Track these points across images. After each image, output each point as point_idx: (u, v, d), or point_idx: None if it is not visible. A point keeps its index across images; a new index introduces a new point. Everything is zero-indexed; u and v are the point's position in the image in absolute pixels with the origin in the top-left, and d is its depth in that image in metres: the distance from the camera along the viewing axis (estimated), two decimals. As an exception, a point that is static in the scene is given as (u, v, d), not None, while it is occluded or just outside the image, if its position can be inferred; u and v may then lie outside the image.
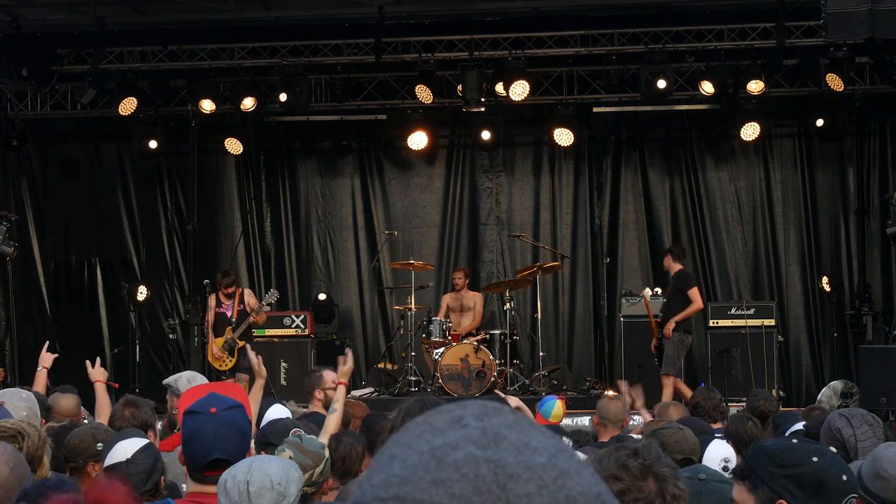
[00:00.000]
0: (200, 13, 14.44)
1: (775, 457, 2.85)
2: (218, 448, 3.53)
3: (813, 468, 2.78)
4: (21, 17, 14.36)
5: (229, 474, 3.39)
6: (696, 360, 14.96)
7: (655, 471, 2.31)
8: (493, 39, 14.62)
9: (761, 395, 8.06)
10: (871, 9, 9.46)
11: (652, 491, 2.29)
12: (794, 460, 2.81)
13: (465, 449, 1.06)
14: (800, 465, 2.79)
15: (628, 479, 2.30)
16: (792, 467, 2.80)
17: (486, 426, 1.08)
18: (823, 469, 2.77)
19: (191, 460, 3.58)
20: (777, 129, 15.75)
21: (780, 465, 2.81)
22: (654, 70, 14.13)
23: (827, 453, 2.85)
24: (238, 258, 16.30)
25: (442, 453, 1.06)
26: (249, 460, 3.51)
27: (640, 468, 2.31)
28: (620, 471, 2.31)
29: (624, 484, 2.29)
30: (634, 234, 15.94)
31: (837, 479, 2.78)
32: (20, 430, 3.88)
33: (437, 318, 13.79)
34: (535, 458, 1.06)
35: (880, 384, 10.30)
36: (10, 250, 13.71)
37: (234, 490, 3.34)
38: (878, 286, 15.19)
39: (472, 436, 1.07)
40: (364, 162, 16.37)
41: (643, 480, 2.30)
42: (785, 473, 2.79)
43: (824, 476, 2.77)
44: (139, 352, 15.17)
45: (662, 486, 2.30)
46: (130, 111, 14.88)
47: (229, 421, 3.57)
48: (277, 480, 3.38)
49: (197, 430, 3.56)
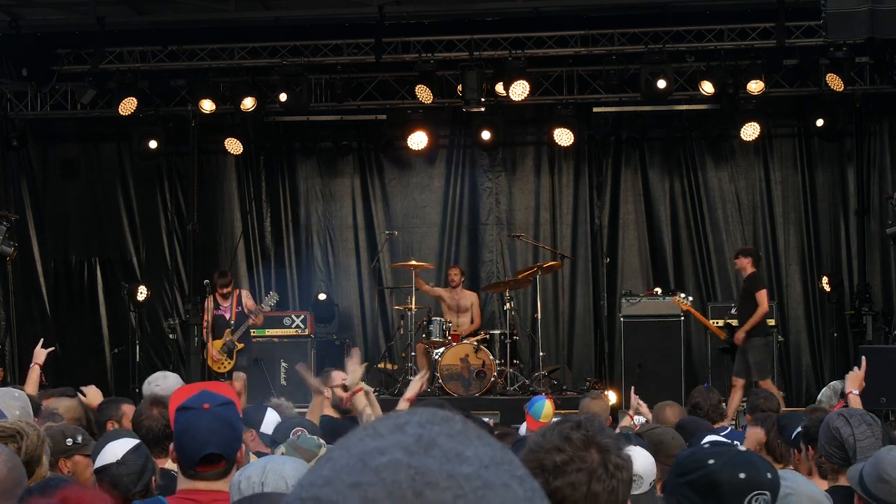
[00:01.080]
0: (200, 13, 14.44)
1: (678, 465, 2.82)
2: (211, 443, 3.51)
3: (705, 471, 2.71)
4: (21, 17, 14.36)
5: (243, 475, 3.38)
6: (696, 360, 14.96)
7: (598, 441, 2.34)
8: (493, 39, 14.61)
9: (761, 395, 8.05)
10: (871, 9, 9.46)
11: (595, 461, 2.31)
12: (691, 466, 2.75)
13: (392, 454, 1.04)
14: (695, 469, 2.73)
15: (571, 450, 2.32)
16: (688, 474, 2.75)
17: (422, 433, 1.07)
18: (716, 470, 2.70)
19: (183, 456, 3.57)
20: (777, 129, 15.75)
21: (680, 474, 2.78)
22: (654, 70, 14.13)
23: (727, 453, 2.75)
24: (238, 258, 16.29)
25: (369, 457, 1.05)
26: (263, 461, 3.50)
27: (583, 439, 2.33)
28: (563, 442, 2.33)
29: (567, 455, 2.31)
30: (634, 234, 15.94)
31: (733, 478, 2.69)
32: (19, 430, 3.87)
33: (437, 318, 13.80)
34: (461, 467, 1.04)
35: (880, 384, 10.29)
36: (10, 250, 13.71)
37: (248, 491, 3.34)
38: (878, 286, 15.19)
39: (403, 442, 1.06)
40: (364, 162, 16.37)
41: (586, 451, 2.32)
42: (682, 481, 2.75)
43: (716, 477, 2.69)
44: (139, 352, 15.16)
45: (605, 456, 2.33)
46: (130, 111, 14.88)
47: (222, 417, 3.56)
48: (292, 482, 3.37)
49: (190, 425, 3.55)
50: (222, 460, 3.54)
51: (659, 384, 13.44)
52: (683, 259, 15.81)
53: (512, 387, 13.45)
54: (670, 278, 15.60)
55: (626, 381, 14.02)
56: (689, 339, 14.73)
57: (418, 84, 14.74)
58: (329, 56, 14.99)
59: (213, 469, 3.53)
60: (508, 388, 13.44)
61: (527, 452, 2.35)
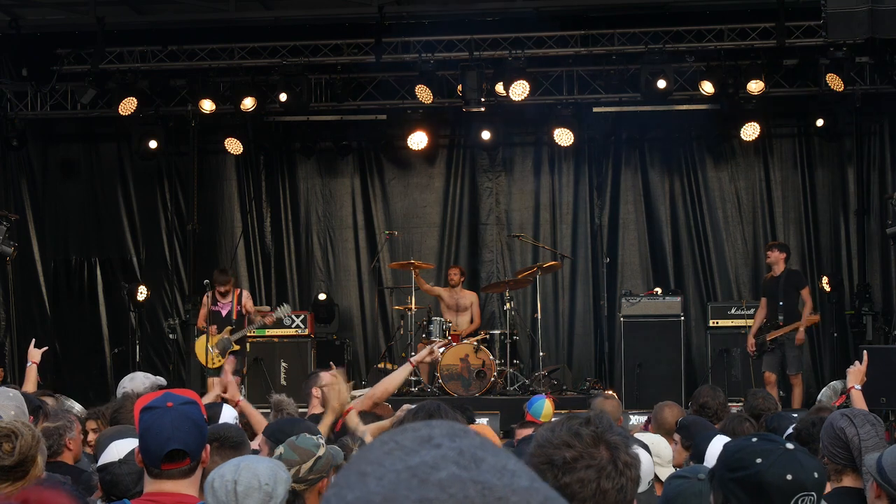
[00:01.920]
0: (200, 13, 14.45)
1: (726, 460, 2.84)
2: (175, 439, 3.50)
3: (753, 470, 2.73)
4: (21, 17, 14.36)
5: (217, 473, 3.37)
6: (696, 360, 14.97)
7: (607, 439, 2.34)
8: (493, 39, 14.61)
9: (759, 395, 8.04)
10: (871, 9, 9.46)
11: (604, 458, 2.32)
12: (740, 463, 2.77)
13: (448, 469, 1.05)
14: (744, 467, 2.76)
15: (581, 446, 2.32)
16: (737, 470, 2.77)
17: (461, 447, 1.08)
18: (763, 471, 2.72)
19: (147, 454, 3.56)
20: (777, 129, 15.76)
21: (729, 469, 2.79)
22: (654, 70, 14.13)
23: (775, 452, 2.77)
24: (238, 258, 16.29)
25: (423, 472, 1.05)
26: (237, 460, 3.49)
27: (593, 436, 2.33)
28: (573, 438, 2.33)
29: (576, 451, 2.31)
30: (634, 234, 15.94)
31: (780, 479, 2.71)
32: (14, 430, 3.87)
33: (437, 318, 13.80)
34: (518, 481, 1.06)
35: (880, 384, 10.30)
36: (10, 250, 13.71)
37: (221, 489, 3.33)
38: (878, 286, 15.19)
39: (450, 456, 1.06)
40: (364, 162, 16.37)
41: (595, 448, 2.33)
42: (732, 477, 2.77)
43: (764, 479, 2.72)
44: (139, 352, 15.16)
45: (614, 453, 2.33)
46: (130, 111, 14.88)
47: (186, 414, 3.56)
48: (265, 480, 3.37)
49: (153, 423, 3.55)
50: (186, 457, 3.52)
51: (659, 384, 13.47)
52: (683, 259, 15.81)
53: (512, 387, 13.45)
54: (670, 278, 15.60)
55: (626, 381, 14.04)
56: (689, 339, 14.73)
57: (418, 84, 14.74)
58: (329, 56, 14.99)
59: (177, 467, 3.52)
60: (508, 388, 13.45)
61: (535, 447, 2.35)
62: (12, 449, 3.72)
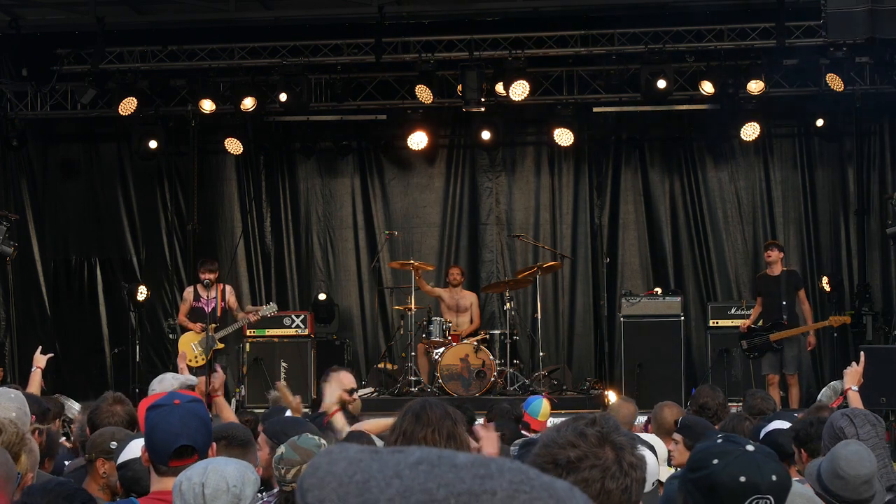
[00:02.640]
0: (200, 13, 14.45)
1: (690, 460, 2.83)
2: (184, 435, 3.53)
3: (707, 471, 2.70)
4: (21, 17, 14.36)
5: (184, 476, 3.37)
6: (696, 360, 14.96)
7: (612, 439, 2.34)
8: (493, 39, 14.61)
9: (758, 395, 8.04)
10: (871, 9, 9.46)
11: (609, 458, 2.32)
12: (699, 463, 2.75)
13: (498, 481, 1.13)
14: (701, 468, 2.73)
15: (585, 446, 2.32)
16: (696, 471, 2.75)
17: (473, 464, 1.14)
18: (717, 472, 2.69)
19: (155, 452, 3.57)
20: (777, 129, 15.75)
21: (690, 469, 2.78)
22: (654, 70, 14.13)
23: (733, 454, 2.73)
24: (238, 258, 16.29)
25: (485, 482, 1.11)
26: (205, 462, 3.49)
27: (598, 436, 2.33)
28: (578, 438, 2.33)
29: (581, 451, 2.31)
30: (634, 234, 15.94)
31: (733, 481, 2.67)
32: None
33: (437, 318, 13.80)
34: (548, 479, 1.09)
35: (880, 384, 10.30)
36: (10, 250, 13.70)
37: (188, 492, 3.33)
38: (878, 286, 15.19)
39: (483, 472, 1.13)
40: (364, 162, 16.37)
41: (600, 448, 2.33)
42: (690, 477, 2.76)
43: (716, 480, 2.68)
44: (139, 352, 15.16)
45: (620, 454, 2.33)
46: (130, 111, 14.88)
47: (193, 411, 3.59)
48: (233, 482, 3.37)
49: (161, 420, 3.57)
50: (195, 453, 3.54)
51: (659, 384, 13.46)
52: (683, 259, 15.80)
53: (512, 387, 13.45)
54: (670, 278, 15.60)
55: (626, 381, 14.04)
56: (689, 339, 14.73)
57: (418, 84, 14.73)
58: (329, 56, 14.99)
59: (186, 463, 3.52)
60: (508, 388, 13.44)
61: (540, 447, 2.35)
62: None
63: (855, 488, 3.74)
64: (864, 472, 3.77)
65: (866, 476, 3.75)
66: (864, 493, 3.73)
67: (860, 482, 3.74)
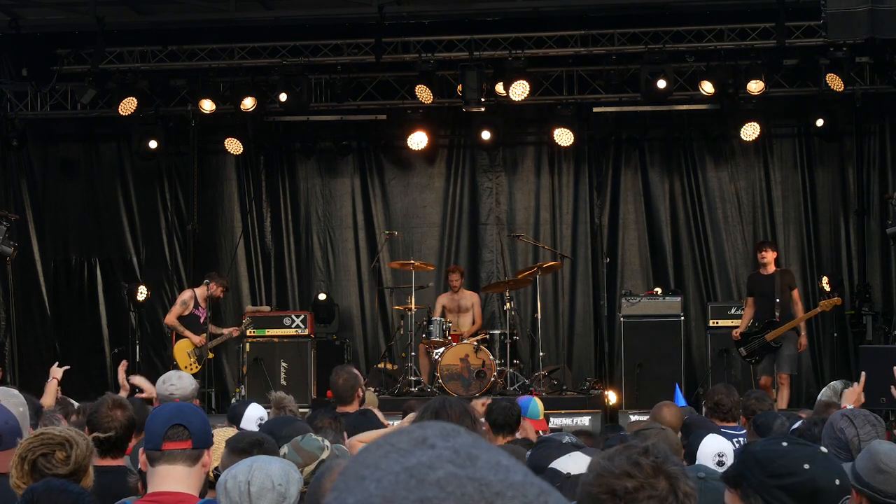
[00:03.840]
0: (200, 13, 14.45)
1: (767, 465, 2.78)
2: (178, 417, 3.56)
3: (806, 477, 2.69)
4: (21, 17, 14.35)
5: (229, 474, 3.37)
6: (696, 360, 14.96)
7: (666, 469, 2.33)
8: (493, 39, 14.61)
9: (753, 395, 8.03)
10: (871, 9, 9.46)
11: (664, 489, 2.31)
12: (786, 469, 2.72)
13: (444, 468, 1.07)
14: (792, 473, 2.71)
15: (641, 476, 2.31)
16: (784, 477, 2.71)
17: (455, 446, 1.09)
18: (817, 477, 2.69)
19: (150, 438, 3.59)
20: (777, 129, 15.75)
21: (773, 475, 2.73)
22: (654, 70, 14.13)
23: (818, 457, 2.75)
24: (238, 258, 16.29)
25: (421, 472, 1.07)
26: (250, 460, 3.49)
27: (653, 466, 2.33)
28: (633, 468, 2.32)
29: (637, 481, 2.31)
30: (634, 234, 15.94)
31: (831, 484, 2.70)
32: (68, 438, 3.85)
33: (436, 318, 13.79)
34: (512, 476, 1.08)
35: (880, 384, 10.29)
36: (10, 250, 13.71)
37: (234, 490, 3.33)
38: (878, 286, 15.19)
39: (445, 455, 1.08)
40: (364, 162, 16.36)
41: (655, 478, 2.32)
42: (778, 484, 2.71)
43: (818, 484, 2.69)
44: (139, 352, 15.16)
45: (674, 483, 2.32)
46: (130, 111, 14.88)
47: (191, 406, 3.74)
48: (279, 481, 3.37)
49: (157, 411, 3.66)
50: (189, 438, 3.53)
51: (659, 384, 13.43)
52: (683, 259, 15.80)
53: (512, 387, 13.44)
54: (670, 278, 15.60)
55: (626, 381, 14.04)
56: (689, 339, 14.73)
57: (418, 84, 14.73)
58: (329, 56, 14.99)
59: (179, 446, 3.53)
60: (508, 388, 13.44)
61: (594, 477, 2.34)
62: (67, 457, 3.72)
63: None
64: None
65: None
66: None
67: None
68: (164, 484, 3.56)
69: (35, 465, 3.68)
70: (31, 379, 14.87)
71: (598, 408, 13.26)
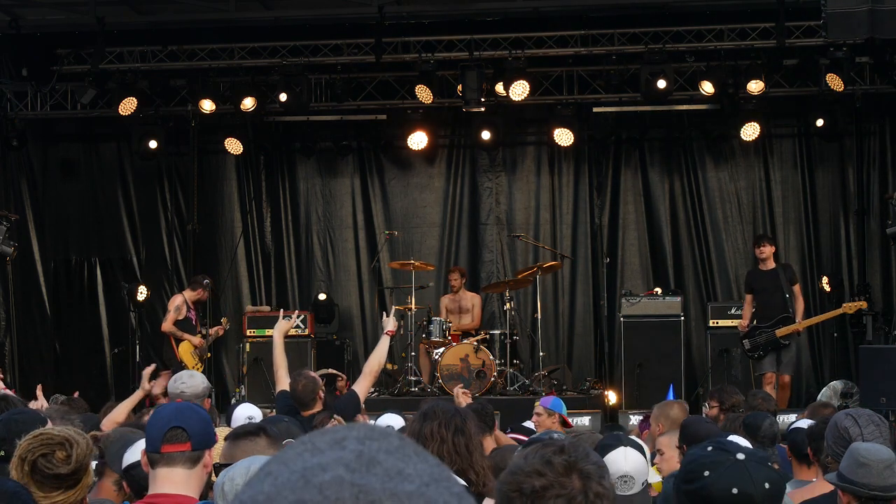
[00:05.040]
0: (200, 13, 14.44)
1: (682, 469, 2.79)
2: (177, 419, 3.54)
3: (700, 484, 2.66)
4: (21, 17, 14.35)
5: (227, 476, 3.36)
6: (696, 360, 14.96)
7: (580, 468, 2.29)
8: (493, 39, 14.61)
9: (759, 395, 8.03)
10: (871, 9, 9.46)
11: (575, 488, 2.26)
12: (691, 475, 2.70)
13: (335, 471, 1.06)
14: (693, 480, 2.68)
15: (552, 475, 2.27)
16: (688, 483, 2.70)
17: (363, 450, 1.08)
18: (709, 484, 2.64)
19: (150, 440, 3.58)
20: (777, 129, 15.75)
21: (683, 480, 2.73)
22: (654, 70, 14.13)
23: (724, 464, 2.67)
24: (238, 258, 16.29)
25: (311, 474, 1.06)
26: (247, 461, 3.48)
27: (565, 464, 2.28)
28: (544, 467, 2.28)
29: (547, 479, 2.26)
30: (634, 234, 15.94)
31: (725, 493, 2.63)
32: (68, 438, 3.85)
33: (437, 318, 13.79)
34: (403, 485, 1.06)
35: (880, 384, 10.30)
36: (10, 250, 13.71)
37: (231, 492, 3.32)
38: (878, 286, 15.19)
39: (345, 458, 1.07)
40: (364, 162, 16.36)
41: (567, 477, 2.27)
42: (685, 489, 2.70)
43: (710, 492, 2.64)
44: (139, 352, 15.16)
45: (586, 483, 2.27)
46: (130, 111, 14.88)
47: (191, 406, 3.68)
48: None
49: (157, 412, 3.65)
50: (188, 440, 3.53)
51: (659, 384, 13.41)
52: (683, 259, 15.80)
53: (512, 387, 13.45)
54: (670, 278, 15.60)
55: (626, 381, 14.03)
56: (689, 339, 14.73)
57: (418, 84, 14.73)
58: (329, 56, 14.99)
59: (178, 448, 3.52)
60: (508, 388, 13.44)
61: (506, 475, 2.30)
62: (67, 457, 3.71)
63: (879, 472, 3.77)
64: (884, 456, 3.82)
65: (888, 461, 3.79)
66: (889, 478, 3.76)
67: (883, 466, 3.78)
68: (163, 486, 3.56)
69: (35, 465, 3.67)
70: (32, 379, 14.90)
71: (598, 408, 13.27)
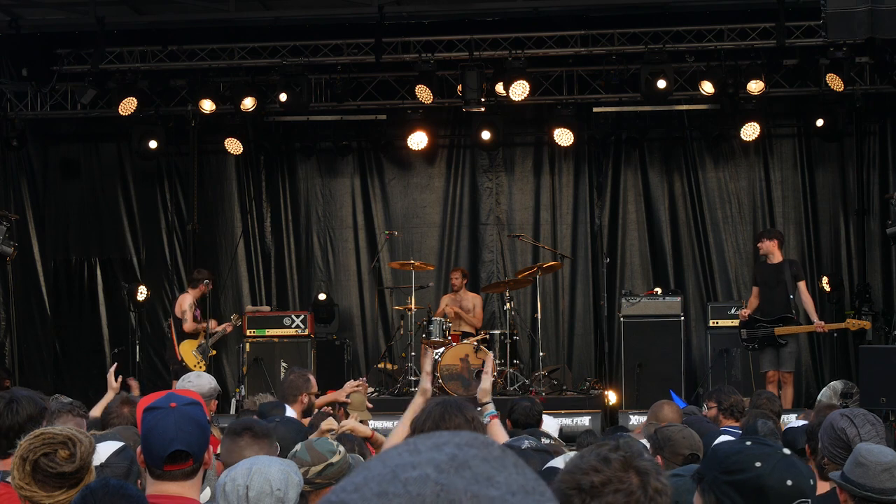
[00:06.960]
0: (200, 13, 14.43)
1: (723, 462, 2.81)
2: (178, 440, 3.49)
3: (753, 474, 2.71)
4: (21, 17, 14.34)
5: (228, 477, 3.35)
6: (696, 360, 14.96)
7: (637, 465, 2.31)
8: (493, 39, 14.61)
9: (764, 395, 8.03)
10: (871, 9, 9.46)
11: (634, 483, 2.29)
12: (738, 465, 2.75)
13: (423, 470, 1.08)
14: (742, 470, 2.73)
15: (609, 471, 2.30)
16: (734, 473, 2.74)
17: (458, 454, 1.10)
18: (764, 475, 2.71)
19: (150, 455, 3.55)
20: (777, 129, 15.75)
21: (725, 471, 2.77)
22: (654, 70, 14.13)
23: (774, 457, 2.75)
24: (238, 258, 16.29)
25: (402, 470, 1.08)
26: (249, 462, 3.47)
27: (622, 461, 2.31)
28: (601, 463, 2.31)
29: (605, 475, 2.29)
30: (634, 234, 15.94)
31: (780, 484, 2.70)
32: (71, 437, 3.85)
33: (437, 318, 13.79)
34: (488, 490, 1.08)
35: (880, 384, 10.29)
36: (10, 250, 13.71)
37: (232, 494, 3.32)
38: (878, 286, 15.20)
39: (437, 459, 1.09)
40: (364, 162, 16.36)
41: (624, 472, 2.30)
42: (728, 480, 2.74)
43: (764, 482, 2.70)
44: (139, 352, 15.17)
45: (644, 479, 2.30)
46: (130, 111, 14.88)
47: (190, 415, 3.55)
48: (277, 486, 3.36)
49: (157, 423, 3.53)
50: (189, 458, 3.52)
51: (659, 384, 13.43)
52: (683, 259, 15.80)
53: (512, 387, 13.45)
54: (670, 278, 15.60)
55: (626, 381, 14.04)
56: (689, 339, 14.73)
57: (418, 84, 14.73)
58: (329, 56, 14.99)
59: (180, 468, 3.50)
60: (508, 388, 13.44)
61: (564, 473, 2.33)
62: (70, 455, 3.71)
63: (876, 475, 3.77)
64: (884, 459, 3.81)
65: (887, 464, 3.78)
66: (886, 482, 3.75)
67: (881, 469, 3.77)
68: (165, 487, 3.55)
69: (37, 465, 3.67)
70: (31, 379, 14.91)
71: (598, 408, 13.26)
